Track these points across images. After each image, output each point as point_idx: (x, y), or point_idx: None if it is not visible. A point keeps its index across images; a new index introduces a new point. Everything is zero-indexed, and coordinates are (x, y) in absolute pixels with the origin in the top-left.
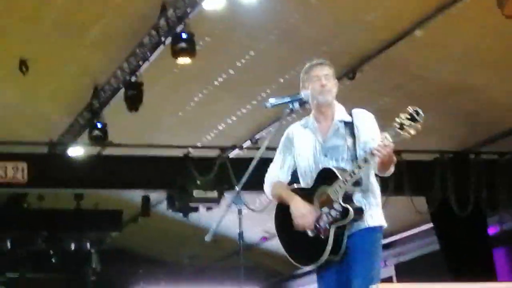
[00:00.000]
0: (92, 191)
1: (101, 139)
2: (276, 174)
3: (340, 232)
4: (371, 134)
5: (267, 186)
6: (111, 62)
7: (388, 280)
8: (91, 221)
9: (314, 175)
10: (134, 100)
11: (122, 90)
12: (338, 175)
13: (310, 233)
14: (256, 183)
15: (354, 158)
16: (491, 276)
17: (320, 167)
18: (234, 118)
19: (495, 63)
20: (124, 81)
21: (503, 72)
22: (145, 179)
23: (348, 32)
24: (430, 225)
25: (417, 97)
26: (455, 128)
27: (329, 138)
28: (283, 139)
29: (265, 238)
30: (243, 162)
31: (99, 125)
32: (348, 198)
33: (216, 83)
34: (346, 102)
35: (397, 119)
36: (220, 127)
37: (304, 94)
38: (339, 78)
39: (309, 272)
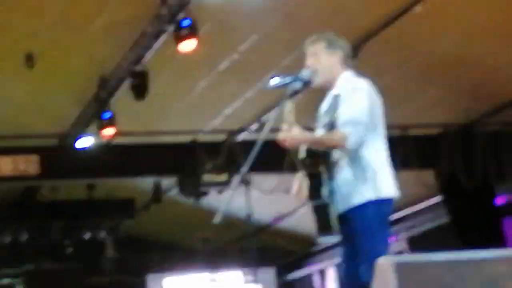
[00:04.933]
0: (103, 181)
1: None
2: None
3: (321, 210)
4: (342, 108)
5: None
6: (116, 52)
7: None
8: (104, 210)
9: None
10: (140, 89)
11: (128, 79)
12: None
13: None
14: (264, 164)
15: None
16: (502, 245)
17: None
18: (240, 102)
19: (497, 33)
20: (129, 71)
21: (505, 42)
22: (155, 166)
23: (349, 10)
24: (439, 198)
25: (419, 72)
26: (460, 100)
27: (323, 116)
28: None
29: (277, 219)
30: (251, 145)
31: (107, 115)
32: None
33: (220, 67)
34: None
35: None
36: (227, 111)
37: (305, 73)
38: None
39: (324, 250)
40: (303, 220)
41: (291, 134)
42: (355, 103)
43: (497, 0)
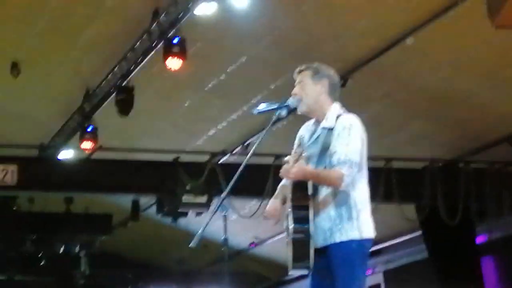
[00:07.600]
0: (82, 195)
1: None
2: None
3: (301, 241)
4: (337, 145)
5: None
6: (103, 66)
7: (376, 287)
8: (80, 224)
9: None
10: (125, 104)
11: (114, 94)
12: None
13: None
14: (245, 189)
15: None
16: (479, 285)
17: None
18: (224, 124)
19: (485, 72)
20: (116, 85)
21: (493, 80)
22: (135, 183)
23: (339, 39)
24: (419, 232)
25: (407, 105)
26: (445, 136)
27: (309, 147)
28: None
29: (254, 244)
30: (233, 168)
31: (89, 129)
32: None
33: (207, 88)
34: None
35: None
36: (211, 133)
37: (290, 101)
38: None
39: (298, 278)
40: (279, 247)
41: (296, 167)
42: (350, 143)
43: (487, 40)
